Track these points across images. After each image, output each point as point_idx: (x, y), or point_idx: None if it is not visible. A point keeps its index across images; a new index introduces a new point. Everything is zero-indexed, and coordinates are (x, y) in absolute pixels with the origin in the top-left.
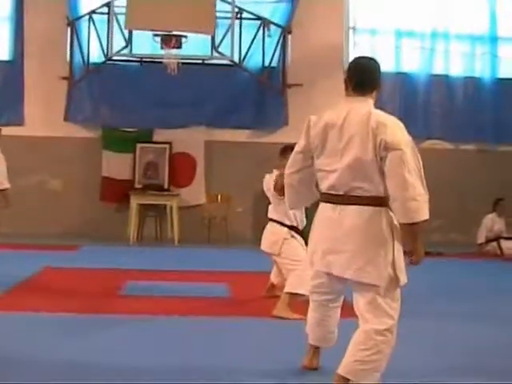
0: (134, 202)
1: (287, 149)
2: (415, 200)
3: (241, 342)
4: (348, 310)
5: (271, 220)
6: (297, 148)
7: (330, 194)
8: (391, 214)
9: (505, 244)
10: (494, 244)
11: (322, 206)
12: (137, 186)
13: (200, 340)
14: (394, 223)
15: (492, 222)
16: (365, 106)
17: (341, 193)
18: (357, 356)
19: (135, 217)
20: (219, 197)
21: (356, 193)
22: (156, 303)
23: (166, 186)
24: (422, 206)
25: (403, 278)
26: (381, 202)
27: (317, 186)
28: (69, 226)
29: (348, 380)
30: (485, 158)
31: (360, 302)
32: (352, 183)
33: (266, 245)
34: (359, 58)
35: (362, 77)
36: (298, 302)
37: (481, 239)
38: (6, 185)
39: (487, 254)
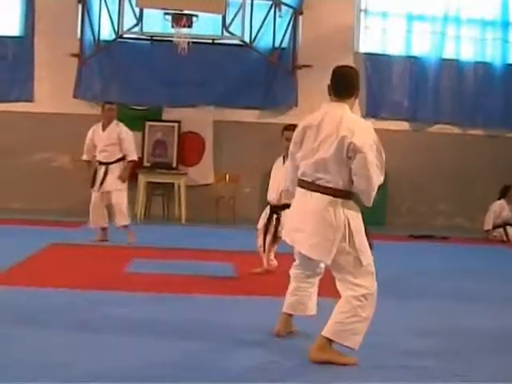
0: (142, 180)
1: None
2: (375, 191)
3: (244, 320)
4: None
5: None
6: (290, 148)
7: (302, 180)
8: (349, 204)
9: (511, 231)
10: (501, 230)
11: (297, 190)
12: (145, 164)
13: (204, 318)
14: (351, 213)
15: (500, 209)
16: (340, 110)
17: (309, 180)
18: (337, 319)
19: (143, 195)
20: (227, 176)
21: (319, 182)
22: (161, 281)
23: (174, 165)
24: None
25: (365, 259)
26: (339, 193)
27: None
28: (76, 202)
29: (331, 341)
30: (493, 144)
31: (336, 278)
32: (316, 174)
33: None
34: (340, 66)
35: (340, 84)
36: None
37: (488, 225)
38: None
39: (493, 240)
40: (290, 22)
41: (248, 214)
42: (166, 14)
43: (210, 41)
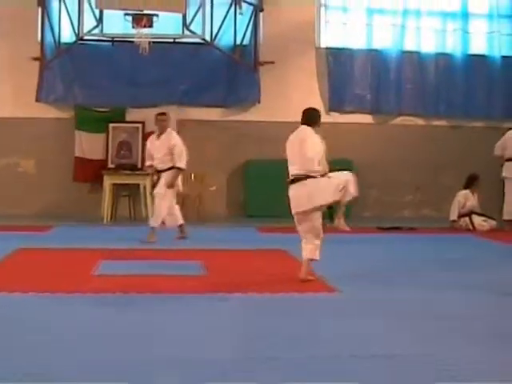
0: (108, 181)
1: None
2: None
3: (215, 318)
4: None
5: None
6: None
7: None
8: None
9: (476, 219)
10: (467, 219)
11: None
12: (110, 165)
13: (173, 317)
14: None
15: (464, 199)
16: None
17: None
18: None
19: (109, 196)
20: (192, 175)
21: None
22: (130, 282)
23: (139, 166)
24: None
25: None
26: None
27: None
28: (42, 206)
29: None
30: (457, 134)
31: None
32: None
33: None
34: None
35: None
36: None
37: (453, 216)
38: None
39: (460, 229)
40: (250, 19)
41: (214, 213)
42: (126, 14)
43: (171, 40)
